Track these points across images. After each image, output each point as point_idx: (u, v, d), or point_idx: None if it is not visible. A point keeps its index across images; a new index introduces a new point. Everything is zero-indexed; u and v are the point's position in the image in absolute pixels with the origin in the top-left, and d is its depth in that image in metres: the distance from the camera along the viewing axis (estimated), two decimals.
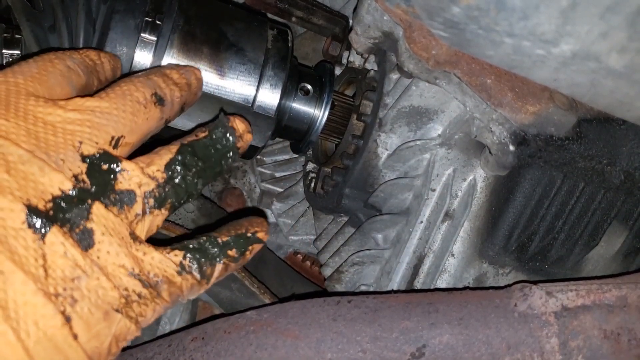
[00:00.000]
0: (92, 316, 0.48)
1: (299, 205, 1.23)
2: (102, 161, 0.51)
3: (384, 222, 0.89)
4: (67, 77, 0.55)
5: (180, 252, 0.54)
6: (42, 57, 0.56)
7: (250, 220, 0.61)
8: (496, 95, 0.76)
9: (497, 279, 0.86)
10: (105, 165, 0.51)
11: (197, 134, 0.59)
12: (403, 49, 0.79)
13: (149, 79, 0.58)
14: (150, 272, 0.52)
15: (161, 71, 0.62)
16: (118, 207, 0.52)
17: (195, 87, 0.66)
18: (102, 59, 0.62)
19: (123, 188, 0.52)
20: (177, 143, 0.58)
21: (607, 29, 0.62)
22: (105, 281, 0.48)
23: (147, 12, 0.76)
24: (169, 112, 0.60)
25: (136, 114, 0.55)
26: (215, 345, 0.64)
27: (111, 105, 0.54)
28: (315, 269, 1.24)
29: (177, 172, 0.56)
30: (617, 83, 0.69)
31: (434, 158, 0.86)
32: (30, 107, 0.50)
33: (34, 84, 0.52)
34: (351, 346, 0.62)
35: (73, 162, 0.50)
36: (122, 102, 0.55)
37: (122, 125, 0.54)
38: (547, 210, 0.81)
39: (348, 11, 1.05)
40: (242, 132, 0.61)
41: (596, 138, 0.79)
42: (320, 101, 0.92)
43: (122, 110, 0.54)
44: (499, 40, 0.67)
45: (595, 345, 0.63)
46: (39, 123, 0.50)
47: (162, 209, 0.55)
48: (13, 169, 0.47)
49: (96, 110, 0.53)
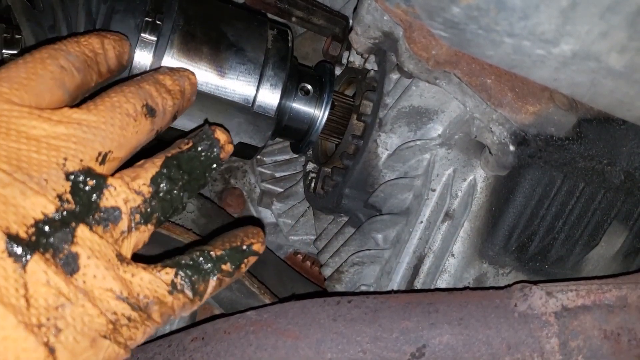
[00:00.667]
0: (77, 345, 0.46)
1: (299, 206, 1.23)
2: (88, 178, 0.50)
3: (384, 222, 0.89)
4: (59, 80, 0.53)
5: (171, 269, 0.53)
6: (33, 57, 0.53)
7: (246, 231, 0.60)
8: (496, 95, 0.76)
9: (497, 279, 0.86)
10: (91, 182, 0.50)
11: (181, 146, 0.58)
12: (403, 49, 0.79)
13: (140, 88, 0.56)
14: (140, 293, 0.50)
15: (154, 78, 0.59)
16: (103, 226, 0.50)
17: (189, 93, 0.63)
18: (105, 46, 0.59)
19: (108, 205, 0.51)
20: (162, 156, 0.56)
21: (607, 29, 0.62)
22: (91, 307, 0.47)
23: (147, 12, 0.76)
24: (160, 123, 0.58)
25: (125, 127, 0.53)
26: (215, 345, 0.64)
27: (99, 119, 0.52)
28: (315, 269, 1.24)
29: (163, 186, 0.54)
30: (617, 83, 0.69)
31: (434, 158, 0.86)
32: (13, 121, 0.48)
33: (19, 93, 0.50)
34: (351, 346, 0.62)
35: (57, 182, 0.48)
36: (110, 116, 0.53)
37: (110, 140, 0.52)
38: (547, 210, 0.81)
39: (348, 11, 1.05)
40: (224, 142, 0.60)
41: (596, 138, 0.79)
42: (321, 101, 0.92)
43: (111, 124, 0.52)
44: (499, 40, 0.67)
45: (595, 345, 0.63)
46: (22, 139, 0.48)
47: (148, 224, 0.53)
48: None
49: (83, 124, 0.51)
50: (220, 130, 0.60)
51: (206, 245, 0.56)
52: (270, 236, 1.25)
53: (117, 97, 0.54)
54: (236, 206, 1.26)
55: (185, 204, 0.56)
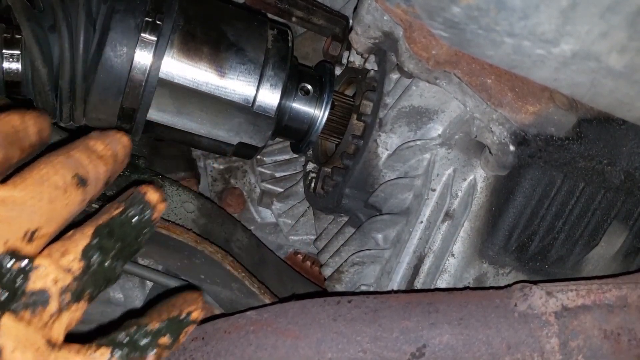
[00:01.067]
0: None
1: (299, 205, 1.23)
2: (13, 260, 0.47)
3: (384, 222, 0.89)
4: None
5: (107, 349, 0.50)
6: None
7: (185, 298, 0.57)
8: (496, 95, 0.76)
9: (497, 279, 0.86)
10: (17, 264, 0.47)
11: (111, 211, 0.54)
12: (403, 49, 0.79)
13: (69, 157, 0.53)
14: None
15: (84, 144, 0.56)
16: (30, 311, 0.47)
17: (122, 156, 0.59)
18: (26, 122, 0.55)
19: (36, 288, 0.47)
20: (92, 225, 0.53)
21: (607, 29, 0.62)
22: None
23: (148, 12, 0.77)
24: (92, 192, 0.55)
25: (54, 200, 0.50)
26: (216, 345, 0.64)
27: (26, 194, 0.48)
28: (315, 269, 1.24)
29: (95, 258, 0.51)
30: (617, 83, 0.69)
31: (434, 158, 0.86)
32: None
33: None
34: (351, 346, 0.62)
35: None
36: (38, 190, 0.49)
37: (39, 216, 0.49)
38: (547, 210, 0.81)
39: (348, 11, 1.05)
40: (156, 203, 0.56)
41: (596, 138, 0.79)
42: (321, 101, 0.92)
43: (39, 199, 0.49)
44: (499, 40, 0.67)
45: (595, 345, 0.63)
46: None
47: (80, 302, 0.50)
48: None
49: (8, 202, 0.47)
50: (153, 190, 0.56)
51: (143, 318, 0.54)
52: (271, 236, 1.25)
53: (45, 169, 0.51)
54: (236, 206, 1.26)
55: (119, 273, 0.54)
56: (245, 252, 1.06)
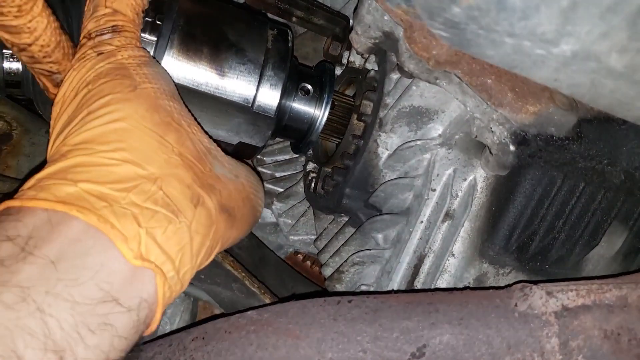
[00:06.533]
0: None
1: (299, 205, 1.23)
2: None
3: (384, 222, 0.89)
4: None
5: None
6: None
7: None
8: (496, 95, 0.76)
9: (497, 279, 0.86)
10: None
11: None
12: (403, 49, 0.79)
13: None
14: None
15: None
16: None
17: None
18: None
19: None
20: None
21: (608, 29, 0.62)
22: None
23: (147, 12, 0.76)
24: None
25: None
26: (216, 344, 0.64)
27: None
28: (315, 269, 1.24)
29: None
30: (617, 83, 0.69)
31: (434, 158, 0.86)
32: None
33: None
34: (352, 346, 0.62)
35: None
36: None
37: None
38: (548, 210, 0.81)
39: (348, 11, 1.05)
40: None
41: (596, 138, 0.79)
42: (321, 101, 0.92)
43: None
44: (499, 40, 0.67)
45: (595, 345, 0.63)
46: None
47: None
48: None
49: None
50: None
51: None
52: (271, 236, 1.25)
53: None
54: None
55: None
56: (245, 252, 1.06)
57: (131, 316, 0.54)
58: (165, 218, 0.58)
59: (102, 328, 0.51)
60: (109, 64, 0.64)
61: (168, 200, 0.59)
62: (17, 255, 0.50)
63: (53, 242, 0.52)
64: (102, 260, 0.53)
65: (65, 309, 0.50)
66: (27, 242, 0.51)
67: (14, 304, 0.48)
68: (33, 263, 0.50)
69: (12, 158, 1.16)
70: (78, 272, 0.52)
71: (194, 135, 0.66)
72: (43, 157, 1.17)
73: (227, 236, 0.67)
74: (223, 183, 0.67)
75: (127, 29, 0.68)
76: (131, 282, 0.54)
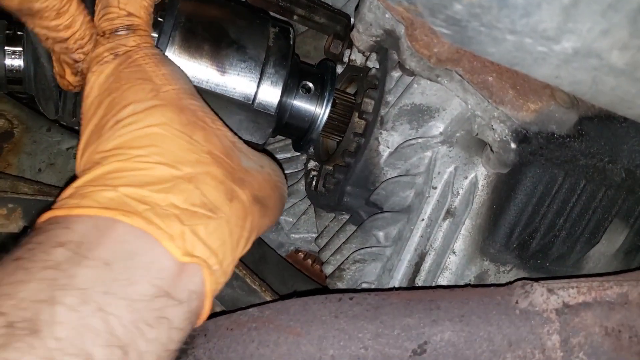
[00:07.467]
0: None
1: (300, 204, 1.23)
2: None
3: (385, 220, 0.89)
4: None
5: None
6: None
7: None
8: (498, 92, 0.76)
9: (498, 277, 0.86)
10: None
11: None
12: (405, 46, 0.79)
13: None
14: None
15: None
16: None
17: None
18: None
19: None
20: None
21: (609, 26, 0.62)
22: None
23: None
24: None
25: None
26: (218, 342, 0.65)
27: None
28: (316, 267, 1.24)
29: None
30: (618, 80, 0.69)
31: (435, 156, 0.86)
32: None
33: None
34: (353, 343, 0.63)
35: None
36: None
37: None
38: (549, 208, 0.81)
39: (350, 9, 1.05)
40: None
41: (597, 136, 0.79)
42: (322, 99, 0.92)
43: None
44: (500, 37, 0.67)
45: (596, 342, 0.63)
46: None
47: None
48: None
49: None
50: None
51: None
52: (272, 234, 1.25)
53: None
54: None
55: None
56: None
57: (183, 308, 0.57)
58: (204, 215, 0.60)
59: (158, 322, 0.54)
60: (127, 67, 0.66)
61: (205, 198, 0.61)
62: (72, 259, 0.53)
63: (103, 245, 0.54)
64: (151, 259, 0.56)
65: (124, 307, 0.52)
66: (79, 247, 0.54)
67: (76, 306, 0.50)
68: (88, 266, 0.53)
69: (13, 156, 1.17)
70: (131, 272, 0.54)
71: (219, 131, 0.68)
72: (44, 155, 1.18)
73: (261, 224, 0.70)
74: (252, 175, 0.69)
75: (141, 28, 0.69)
76: (180, 276, 0.57)
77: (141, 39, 0.69)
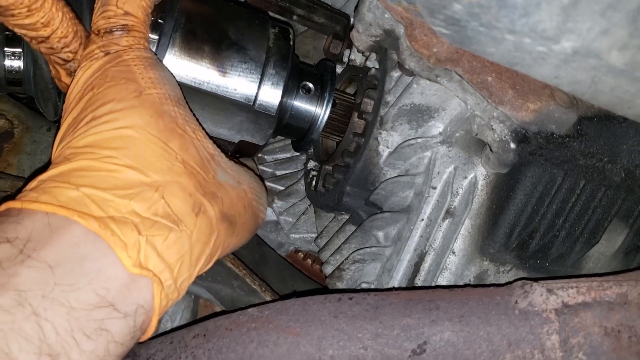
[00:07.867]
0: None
1: (300, 204, 1.23)
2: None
3: (385, 220, 0.89)
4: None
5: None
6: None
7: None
8: (497, 92, 0.76)
9: (497, 277, 0.86)
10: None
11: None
12: (404, 46, 0.79)
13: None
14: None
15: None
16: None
17: None
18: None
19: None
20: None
21: (608, 26, 0.62)
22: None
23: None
24: None
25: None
26: (217, 342, 0.65)
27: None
28: (316, 267, 1.24)
29: None
30: (618, 80, 0.69)
31: (435, 156, 0.86)
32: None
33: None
34: (352, 343, 0.63)
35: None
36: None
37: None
38: (548, 208, 0.82)
39: (349, 9, 1.05)
40: None
41: (597, 136, 0.79)
42: (322, 99, 0.92)
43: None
44: (500, 37, 0.67)
45: (595, 342, 0.63)
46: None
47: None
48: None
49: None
50: None
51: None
52: (271, 234, 1.25)
53: None
54: None
55: None
56: (246, 250, 1.06)
57: (127, 322, 0.54)
58: (166, 227, 0.58)
59: (97, 333, 0.52)
60: (114, 66, 0.64)
61: (169, 209, 0.59)
62: (15, 257, 0.50)
63: (52, 246, 0.52)
64: (100, 266, 0.53)
65: (61, 314, 0.50)
66: (25, 244, 0.51)
67: (10, 307, 0.48)
68: (31, 266, 0.50)
69: (13, 156, 1.17)
70: (75, 277, 0.52)
71: (198, 141, 0.66)
72: (44, 155, 1.18)
73: (227, 243, 0.67)
74: (225, 190, 0.67)
75: (136, 29, 0.68)
76: (128, 288, 0.55)
77: (135, 40, 0.67)
